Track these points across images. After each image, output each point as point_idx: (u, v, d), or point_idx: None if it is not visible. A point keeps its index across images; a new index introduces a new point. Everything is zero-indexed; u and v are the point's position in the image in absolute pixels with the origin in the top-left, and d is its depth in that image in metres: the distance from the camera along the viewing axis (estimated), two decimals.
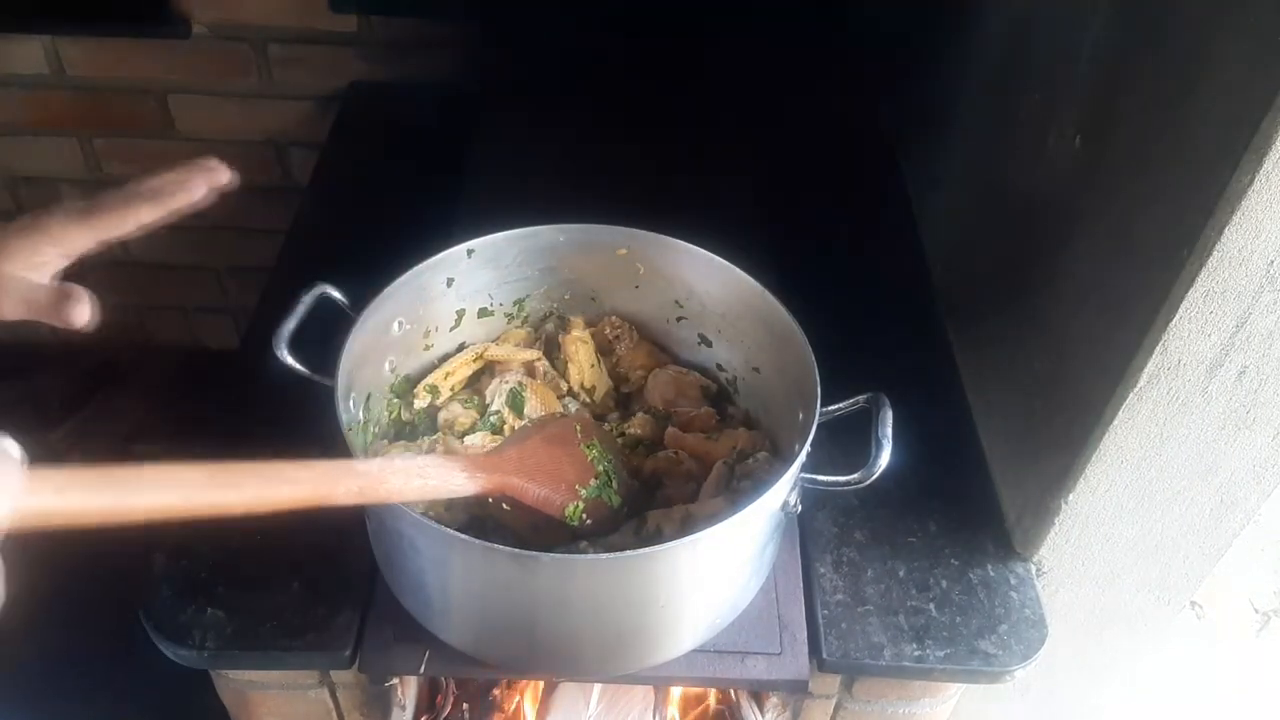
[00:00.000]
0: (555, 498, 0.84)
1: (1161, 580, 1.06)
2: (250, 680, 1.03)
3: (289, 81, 1.66)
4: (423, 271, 0.93)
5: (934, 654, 0.94)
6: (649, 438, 0.99)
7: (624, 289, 1.04)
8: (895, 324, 1.26)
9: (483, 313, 1.03)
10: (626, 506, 0.90)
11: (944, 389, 1.19)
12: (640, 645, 0.89)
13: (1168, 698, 1.94)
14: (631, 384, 1.04)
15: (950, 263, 1.30)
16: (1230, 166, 0.69)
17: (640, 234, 0.98)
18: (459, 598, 0.87)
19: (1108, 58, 0.92)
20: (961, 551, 1.03)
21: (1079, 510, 0.96)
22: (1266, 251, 0.73)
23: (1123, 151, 0.88)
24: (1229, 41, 0.73)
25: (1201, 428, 0.87)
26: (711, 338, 1.03)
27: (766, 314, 0.93)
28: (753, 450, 0.94)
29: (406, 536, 0.82)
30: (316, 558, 0.98)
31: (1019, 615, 0.97)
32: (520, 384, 0.98)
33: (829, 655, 0.94)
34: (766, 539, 0.88)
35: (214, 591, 0.95)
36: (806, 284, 0.92)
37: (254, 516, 1.00)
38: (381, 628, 0.94)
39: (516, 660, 0.95)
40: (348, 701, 1.07)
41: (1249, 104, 0.68)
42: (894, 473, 0.82)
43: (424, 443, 0.95)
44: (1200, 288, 0.76)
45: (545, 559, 0.75)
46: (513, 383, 0.98)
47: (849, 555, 1.02)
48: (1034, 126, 1.05)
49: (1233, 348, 0.80)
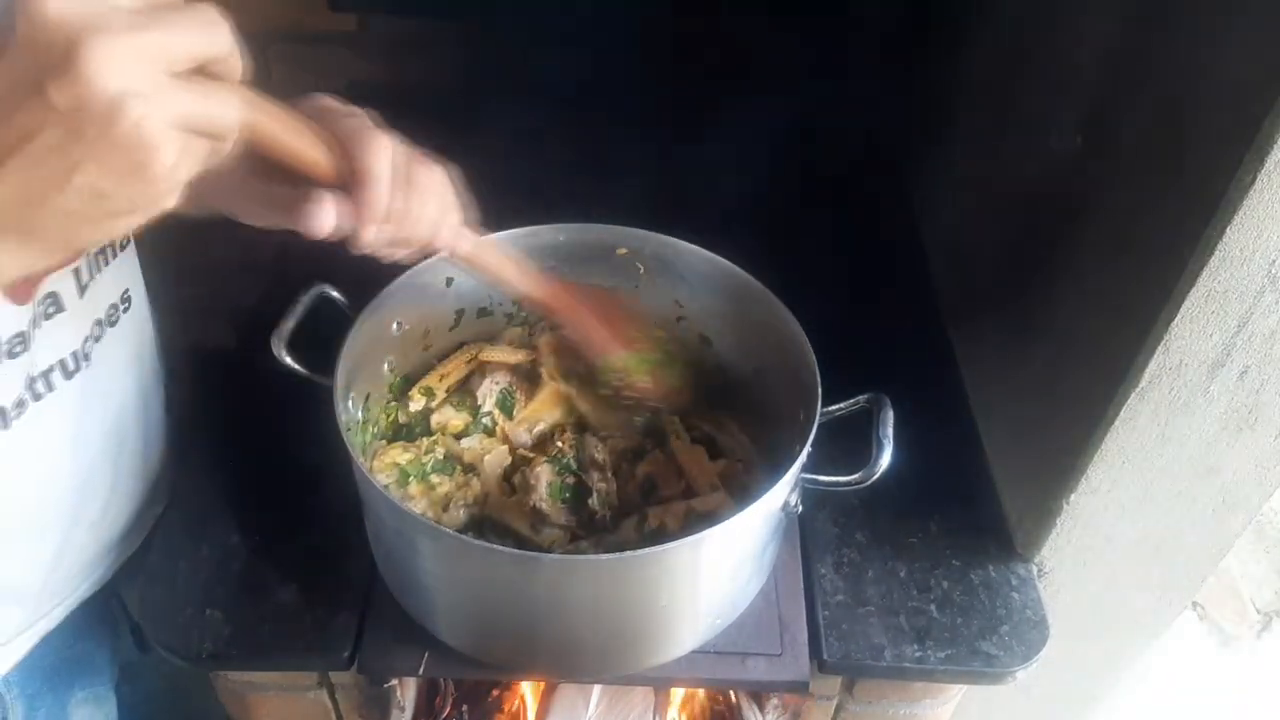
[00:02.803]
0: (604, 341, 0.86)
1: (1163, 580, 1.06)
2: (249, 681, 1.03)
3: (289, 81, 1.65)
4: (422, 271, 0.93)
5: (935, 655, 0.94)
6: (636, 446, 0.99)
7: (624, 289, 1.03)
8: (895, 324, 1.26)
9: (482, 313, 1.03)
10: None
11: (945, 389, 1.19)
12: (640, 646, 0.88)
13: (1169, 698, 1.94)
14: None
15: (950, 263, 1.30)
16: (1232, 166, 0.69)
17: (640, 234, 0.98)
18: (458, 598, 0.87)
19: (1109, 57, 0.92)
20: (963, 552, 1.03)
21: (1080, 511, 0.96)
22: (1268, 251, 0.73)
23: (1123, 151, 0.88)
24: (1230, 41, 0.73)
25: (1203, 428, 0.87)
26: (711, 338, 1.03)
27: (766, 314, 0.93)
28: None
29: (406, 537, 0.82)
30: (316, 558, 0.97)
31: (1020, 616, 0.97)
32: (510, 385, 0.98)
33: (830, 656, 0.94)
34: (767, 539, 0.88)
35: (212, 592, 0.94)
36: (806, 284, 0.92)
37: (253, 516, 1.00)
38: (381, 629, 0.93)
39: (516, 661, 0.95)
40: (347, 703, 1.06)
41: (1250, 103, 0.67)
42: (895, 473, 0.81)
43: (423, 443, 0.95)
44: (1202, 288, 0.75)
45: (545, 559, 0.75)
46: (503, 384, 0.98)
47: (850, 556, 1.02)
48: (1035, 125, 1.05)
49: (1234, 348, 0.80)
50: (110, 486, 0.92)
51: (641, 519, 0.89)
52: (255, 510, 1.02)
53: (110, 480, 0.92)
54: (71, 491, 0.86)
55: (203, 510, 1.02)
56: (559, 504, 0.91)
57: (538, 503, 0.90)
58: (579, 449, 0.96)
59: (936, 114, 1.38)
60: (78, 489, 0.87)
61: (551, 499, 0.91)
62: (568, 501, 0.92)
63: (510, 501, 0.92)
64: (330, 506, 0.98)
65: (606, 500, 0.92)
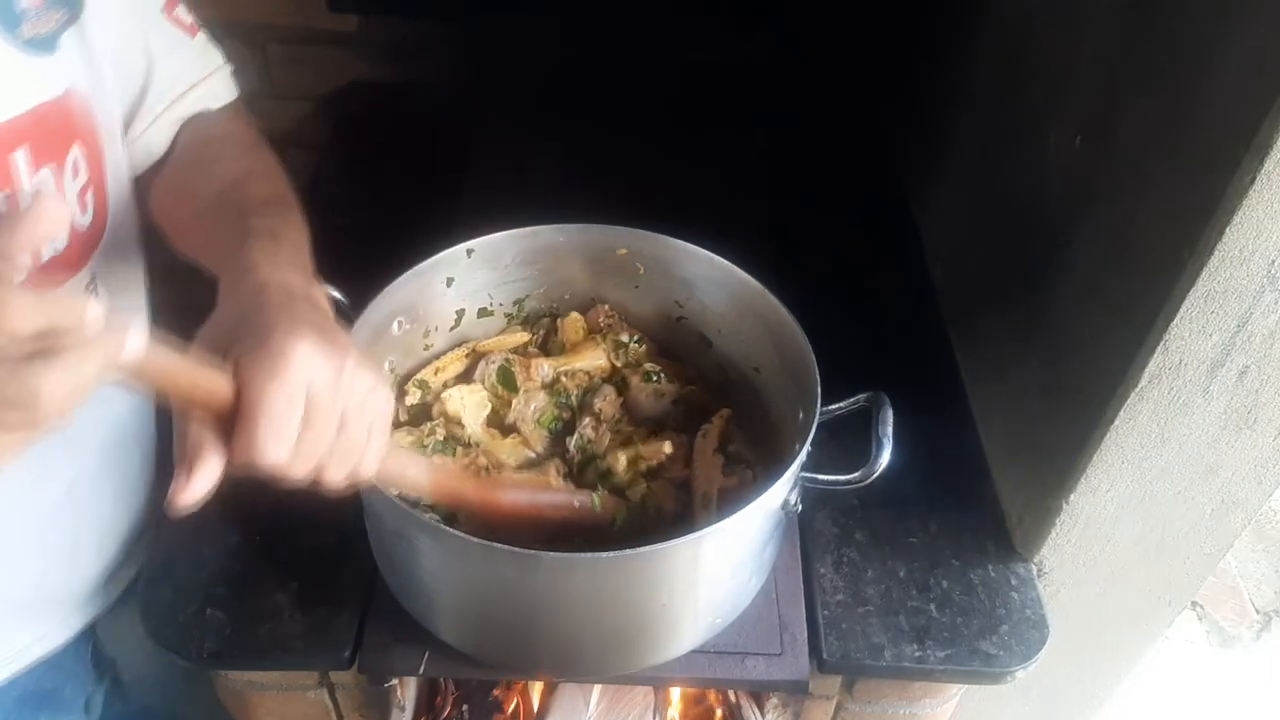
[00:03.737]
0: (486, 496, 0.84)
1: (1163, 580, 1.06)
2: (250, 681, 1.03)
3: (289, 81, 1.65)
4: (423, 271, 0.93)
5: (935, 655, 0.94)
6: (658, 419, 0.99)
7: (624, 289, 1.03)
8: (895, 324, 1.26)
9: (483, 313, 1.03)
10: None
11: (944, 388, 1.19)
12: (640, 645, 0.89)
13: (1169, 698, 1.94)
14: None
15: (950, 263, 1.30)
16: (1231, 166, 0.69)
17: (640, 234, 0.98)
18: (459, 598, 0.87)
19: (1108, 57, 0.92)
20: (962, 552, 1.03)
21: (1080, 510, 0.96)
22: (1268, 251, 0.73)
23: (1123, 151, 0.88)
24: (1230, 41, 0.73)
25: (1203, 428, 0.87)
26: (711, 338, 1.03)
27: (766, 314, 0.93)
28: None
29: (406, 537, 0.82)
30: (316, 558, 0.98)
31: (1020, 616, 0.97)
32: (509, 359, 0.98)
33: (829, 656, 0.94)
34: (766, 538, 0.88)
35: (214, 591, 0.94)
36: (807, 284, 0.92)
37: (253, 516, 0.99)
38: (381, 628, 0.93)
39: (516, 660, 0.95)
40: (347, 702, 1.06)
41: (1249, 103, 0.67)
42: (894, 472, 0.82)
43: (426, 427, 0.95)
44: (1201, 288, 0.75)
45: (545, 559, 0.75)
46: (500, 360, 0.98)
47: (849, 555, 1.02)
48: (1034, 126, 1.05)
49: (1234, 348, 0.80)
50: (90, 523, 0.91)
51: (609, 474, 0.90)
52: (256, 510, 1.02)
53: (91, 516, 0.91)
54: (48, 528, 0.85)
55: (204, 510, 1.02)
56: (542, 430, 0.91)
57: (519, 422, 0.89)
58: (587, 394, 0.96)
59: (936, 114, 1.38)
60: (55, 524, 0.86)
61: (536, 424, 0.91)
62: (552, 432, 0.93)
63: (503, 443, 0.93)
64: (331, 506, 0.97)
65: (583, 445, 0.92)
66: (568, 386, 0.97)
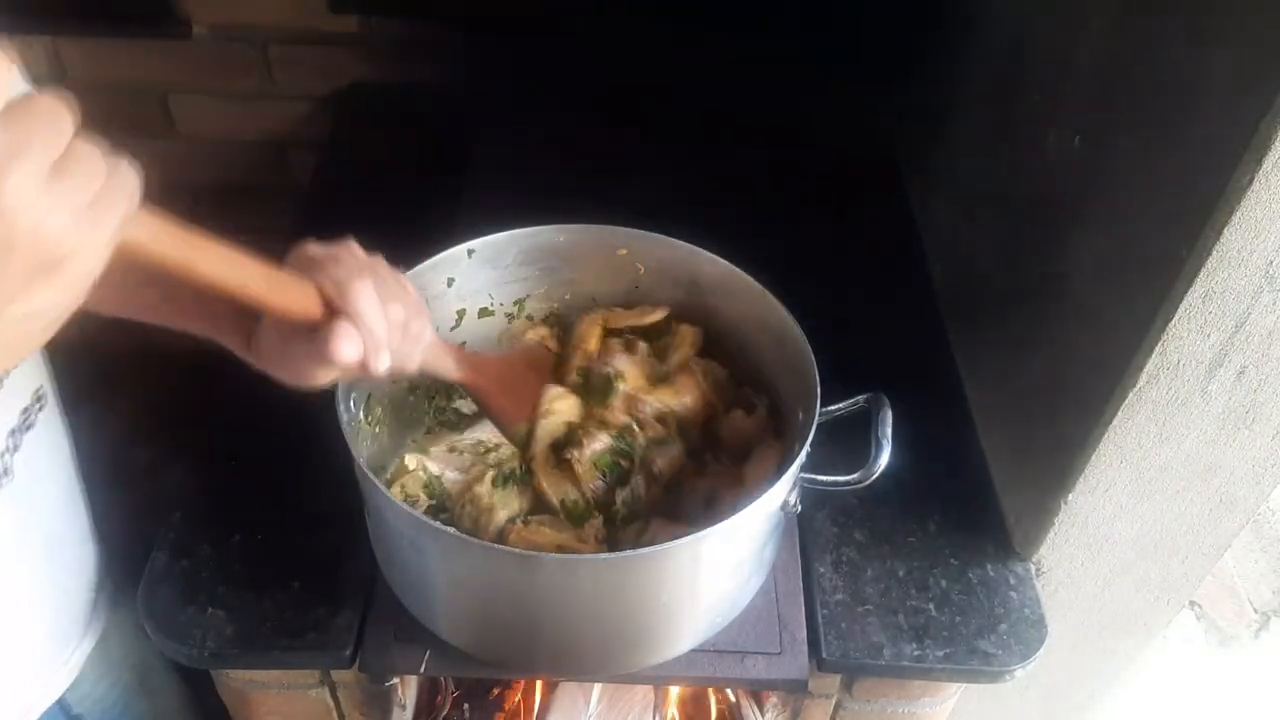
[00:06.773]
0: (512, 412, 0.92)
1: (1161, 580, 1.06)
2: (251, 680, 1.03)
3: (289, 82, 1.66)
4: (423, 271, 0.93)
5: (933, 654, 0.94)
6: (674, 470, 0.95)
7: (624, 289, 1.04)
8: (895, 324, 1.26)
9: (483, 313, 1.03)
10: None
11: (944, 389, 1.19)
12: (640, 645, 0.89)
13: (1167, 697, 1.94)
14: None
15: (950, 263, 1.30)
16: (1229, 167, 0.70)
17: (640, 234, 0.98)
18: (459, 597, 0.87)
19: (1107, 58, 0.92)
20: (961, 551, 1.03)
21: (1078, 510, 0.96)
22: (1265, 251, 0.73)
23: (1122, 152, 0.88)
24: (1228, 42, 0.73)
25: (1201, 427, 0.88)
26: (712, 337, 1.03)
27: (766, 314, 0.93)
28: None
29: (407, 536, 0.82)
30: (317, 557, 0.98)
31: (1018, 615, 0.97)
32: (615, 373, 0.95)
33: (828, 655, 0.94)
34: (766, 539, 0.88)
35: (214, 591, 0.95)
36: (807, 284, 0.92)
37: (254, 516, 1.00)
38: (382, 627, 0.94)
39: (516, 660, 0.95)
40: (348, 701, 1.07)
41: (1248, 104, 0.68)
42: (894, 473, 0.82)
43: None
44: (1199, 288, 0.76)
45: (545, 559, 0.75)
46: (609, 369, 0.96)
47: (849, 555, 1.02)
48: (1033, 126, 1.05)
49: (1232, 348, 0.80)
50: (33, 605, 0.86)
51: (691, 492, 0.92)
52: (257, 509, 1.02)
53: (34, 600, 0.86)
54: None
55: (205, 509, 1.02)
56: (595, 471, 0.90)
57: (575, 459, 0.89)
58: (650, 447, 0.92)
59: (936, 114, 1.39)
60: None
61: (592, 464, 0.89)
62: (605, 478, 0.90)
63: (551, 473, 0.91)
64: (332, 505, 0.98)
65: (631, 502, 0.91)
66: (638, 435, 0.92)
